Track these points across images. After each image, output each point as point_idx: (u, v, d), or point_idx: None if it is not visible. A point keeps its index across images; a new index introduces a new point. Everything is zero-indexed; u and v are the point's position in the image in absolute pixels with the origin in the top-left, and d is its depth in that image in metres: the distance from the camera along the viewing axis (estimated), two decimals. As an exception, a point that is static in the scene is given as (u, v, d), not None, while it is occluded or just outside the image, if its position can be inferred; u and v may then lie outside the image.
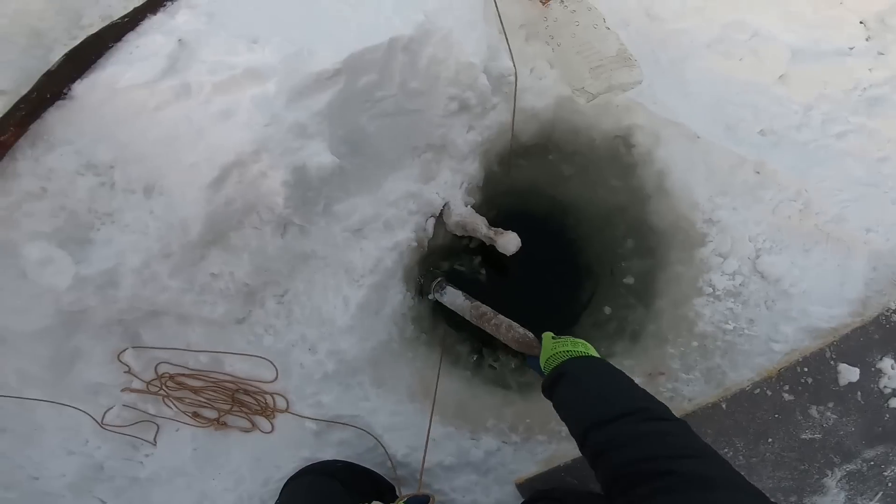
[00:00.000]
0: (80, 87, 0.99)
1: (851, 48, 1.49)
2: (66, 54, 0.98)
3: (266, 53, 1.00)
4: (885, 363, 1.37)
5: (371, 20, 1.10)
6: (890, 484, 1.37)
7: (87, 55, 0.97)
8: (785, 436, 1.36)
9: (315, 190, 1.20)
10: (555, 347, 1.08)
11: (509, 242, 1.42)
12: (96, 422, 1.31)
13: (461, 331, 1.70)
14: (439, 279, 1.54)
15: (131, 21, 1.00)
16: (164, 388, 1.33)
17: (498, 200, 1.72)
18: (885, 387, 1.37)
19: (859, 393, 1.37)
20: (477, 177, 1.59)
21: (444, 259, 1.73)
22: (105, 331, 1.26)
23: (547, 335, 1.15)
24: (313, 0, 1.09)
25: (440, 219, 1.57)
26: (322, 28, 1.06)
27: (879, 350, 1.37)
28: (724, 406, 1.36)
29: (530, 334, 1.29)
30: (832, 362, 1.35)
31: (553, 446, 1.45)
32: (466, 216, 1.49)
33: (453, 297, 1.48)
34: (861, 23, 1.53)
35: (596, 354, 1.07)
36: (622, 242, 1.65)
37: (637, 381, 1.44)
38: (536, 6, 1.45)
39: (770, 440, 1.36)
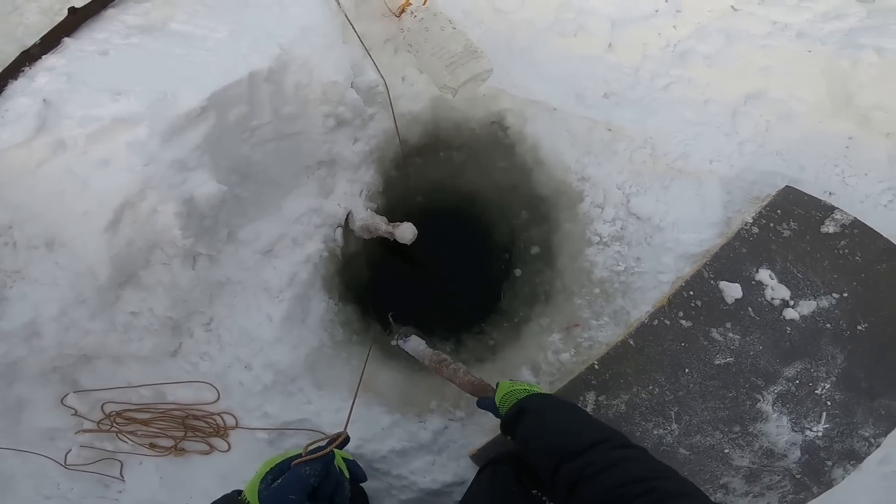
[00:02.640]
0: (-39, 156, 1.10)
1: (656, 10, 1.69)
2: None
3: (131, 103, 1.13)
4: (763, 275, 1.44)
5: (229, 59, 1.25)
6: (829, 403, 1.40)
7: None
8: (699, 364, 1.42)
9: (211, 218, 1.31)
10: (511, 386, 1.16)
11: (405, 232, 1.55)
12: (60, 464, 1.39)
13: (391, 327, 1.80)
14: (404, 328, 1.63)
15: (-7, 88, 1.12)
16: (114, 425, 1.41)
17: (403, 201, 1.86)
18: (772, 298, 1.43)
19: (750, 308, 1.43)
20: (375, 183, 1.73)
21: (365, 264, 1.85)
22: (42, 379, 1.35)
23: (503, 381, 1.24)
24: (168, 51, 1.23)
25: (348, 227, 1.69)
26: (182, 73, 1.20)
27: (751, 262, 1.45)
28: (632, 342, 1.44)
29: (484, 380, 1.37)
30: (712, 282, 1.45)
31: None
32: (368, 219, 1.63)
33: (415, 345, 1.56)
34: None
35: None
36: (519, 215, 1.80)
37: (556, 336, 1.60)
38: (394, 20, 1.63)
39: (687, 370, 1.42)
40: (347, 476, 0.92)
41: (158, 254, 1.31)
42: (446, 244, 1.90)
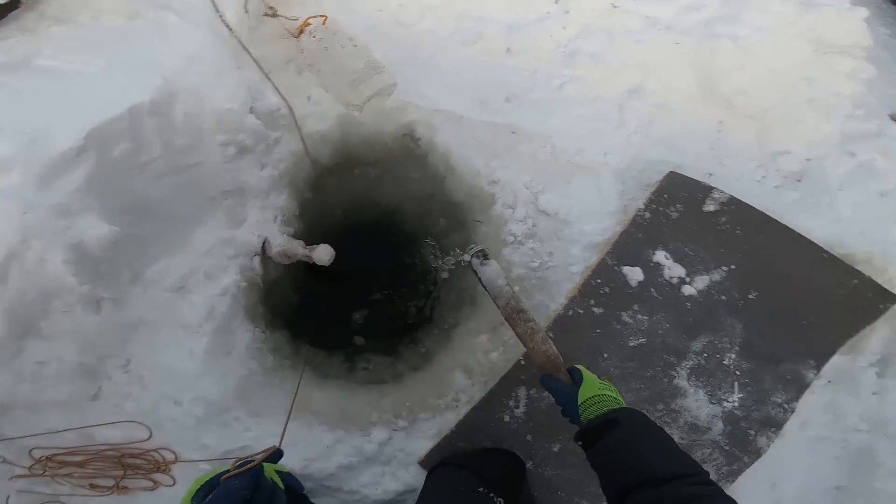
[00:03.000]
0: None
1: (548, 13, 1.80)
2: None
3: (-1, 146, 1.07)
4: (659, 256, 1.54)
5: (106, 94, 1.20)
6: (738, 372, 1.46)
7: None
8: (615, 347, 1.48)
9: (107, 261, 1.26)
10: (600, 389, 1.06)
11: (322, 254, 1.55)
12: (-2, 512, 1.32)
13: (325, 348, 1.79)
14: (483, 248, 1.36)
15: None
16: (47, 469, 1.35)
17: (323, 222, 1.86)
18: (670, 277, 1.53)
19: (652, 289, 1.52)
20: (290, 207, 1.71)
21: (290, 289, 1.83)
22: (-44, 432, 1.25)
23: (587, 372, 1.11)
24: (37, 89, 1.17)
25: (265, 255, 1.67)
26: (54, 112, 1.14)
27: (648, 246, 1.55)
28: (551, 335, 1.45)
29: (560, 358, 1.16)
30: (616, 268, 1.53)
31: (438, 419, 1.57)
32: (284, 245, 1.61)
33: (494, 275, 1.29)
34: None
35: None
36: (438, 223, 1.84)
37: (484, 337, 1.65)
38: (293, 41, 1.63)
39: (605, 355, 1.48)
40: (283, 487, 0.92)
41: (56, 302, 1.24)
42: (372, 259, 1.92)
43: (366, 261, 1.91)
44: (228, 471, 0.82)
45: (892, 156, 1.60)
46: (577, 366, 1.13)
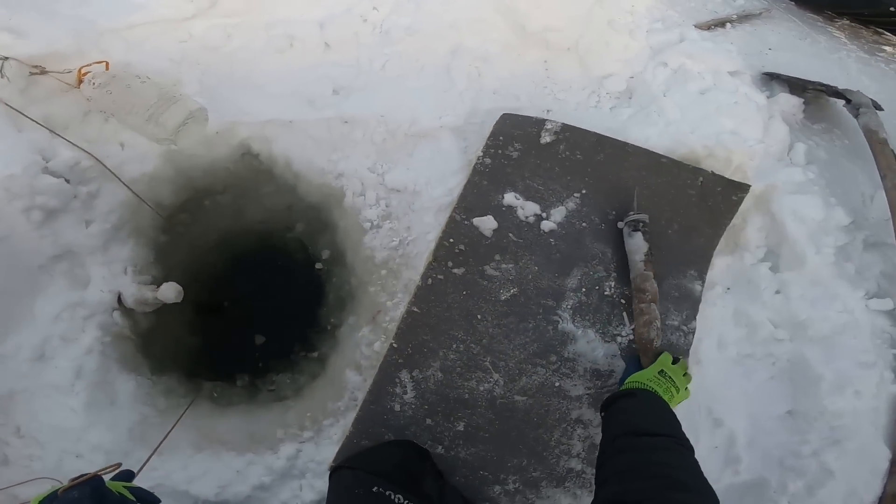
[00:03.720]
0: None
1: None
2: None
3: None
4: (509, 198, 1.48)
5: None
6: (622, 301, 1.37)
7: None
8: (488, 305, 1.38)
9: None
10: (650, 381, 1.14)
11: (166, 293, 1.51)
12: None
13: (225, 379, 1.75)
14: (639, 218, 1.40)
15: None
16: None
17: (188, 260, 1.80)
18: (526, 217, 1.47)
19: (510, 234, 1.45)
20: (141, 256, 1.66)
21: (172, 332, 1.78)
22: None
23: (661, 362, 1.20)
24: None
25: (126, 307, 1.61)
26: None
27: (495, 191, 1.48)
28: (416, 309, 1.39)
29: (656, 347, 1.25)
30: (466, 222, 1.46)
31: (341, 422, 1.53)
32: (136, 294, 1.56)
33: (632, 249, 1.38)
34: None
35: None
36: (302, 230, 1.81)
37: (365, 329, 1.61)
38: (78, 93, 1.55)
39: (479, 316, 1.37)
40: (133, 498, 0.94)
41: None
42: (250, 281, 1.88)
43: (247, 283, 1.86)
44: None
45: (697, 57, 1.65)
46: (664, 354, 1.23)
